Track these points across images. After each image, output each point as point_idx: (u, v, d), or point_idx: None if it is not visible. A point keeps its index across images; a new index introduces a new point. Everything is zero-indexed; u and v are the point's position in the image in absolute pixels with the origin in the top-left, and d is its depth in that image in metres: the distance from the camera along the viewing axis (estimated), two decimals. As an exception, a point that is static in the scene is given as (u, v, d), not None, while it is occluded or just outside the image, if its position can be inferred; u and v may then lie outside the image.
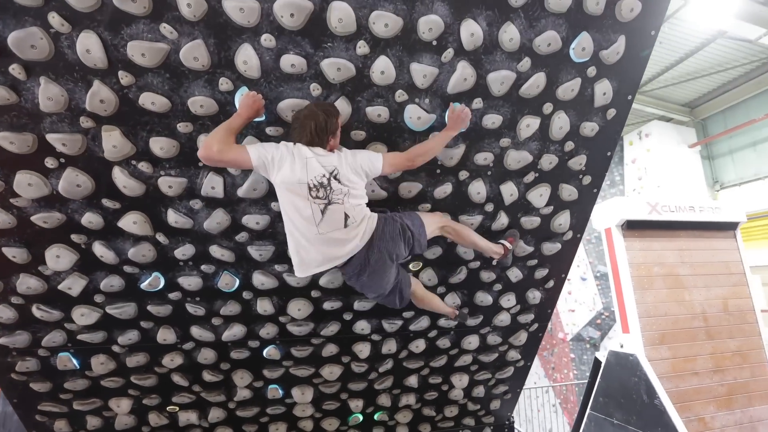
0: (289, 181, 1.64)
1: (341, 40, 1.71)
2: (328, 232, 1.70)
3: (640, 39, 1.96)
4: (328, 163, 1.68)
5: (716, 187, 12.07)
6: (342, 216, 1.70)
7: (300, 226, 1.70)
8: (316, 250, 1.73)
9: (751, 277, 4.60)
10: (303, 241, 1.72)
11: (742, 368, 4.20)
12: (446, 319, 2.54)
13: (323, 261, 1.75)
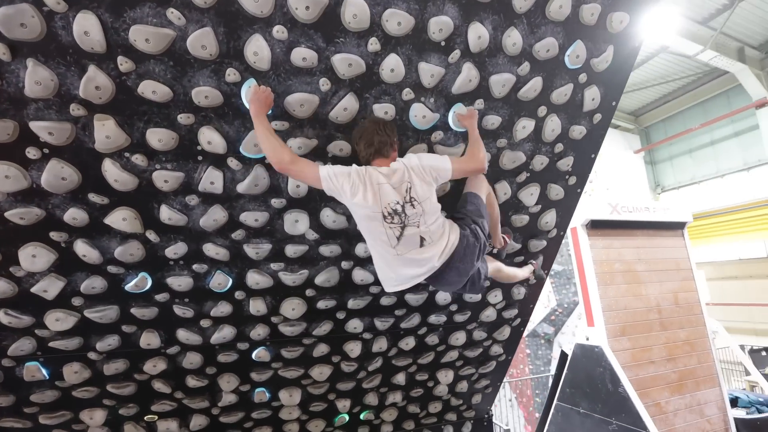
0: (363, 208, 1.70)
1: (353, 36, 1.72)
2: (405, 252, 1.76)
3: (626, 49, 2.14)
4: (399, 183, 1.72)
5: (658, 191, 13.27)
6: (418, 238, 1.76)
7: (377, 246, 1.79)
8: (393, 270, 1.81)
9: (697, 273, 5.11)
10: (381, 261, 1.83)
11: (691, 356, 4.65)
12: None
13: (401, 281, 1.84)
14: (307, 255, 2.21)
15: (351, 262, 2.31)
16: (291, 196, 1.99)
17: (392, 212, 1.72)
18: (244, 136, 1.79)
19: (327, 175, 1.68)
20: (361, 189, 1.69)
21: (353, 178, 1.69)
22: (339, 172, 1.69)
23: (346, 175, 1.70)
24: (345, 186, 1.68)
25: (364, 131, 1.80)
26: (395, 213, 1.73)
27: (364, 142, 1.79)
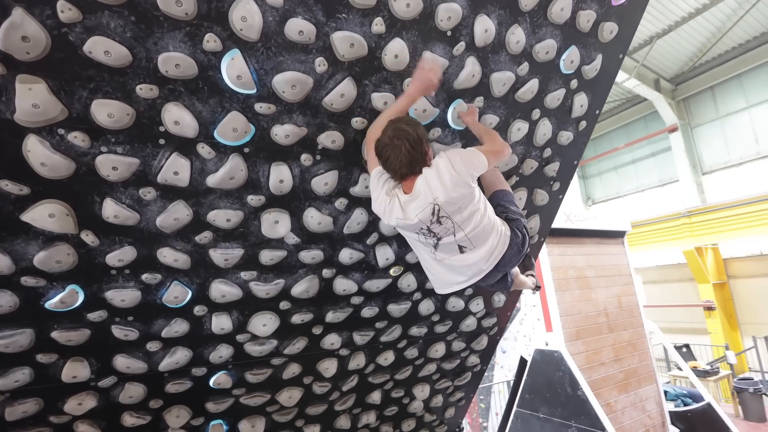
0: (397, 224, 1.67)
1: (358, 13, 1.54)
2: (445, 258, 1.74)
3: (612, 60, 2.21)
4: (422, 207, 1.60)
5: (588, 203, 14.63)
6: (456, 246, 1.70)
7: (417, 247, 1.79)
8: (435, 274, 1.83)
9: (635, 278, 5.58)
10: (423, 262, 1.84)
11: (633, 356, 5.04)
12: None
13: (444, 285, 1.85)
14: (284, 262, 1.95)
15: (333, 269, 2.09)
16: (272, 192, 1.74)
17: (424, 232, 1.67)
18: (221, 117, 1.51)
19: (375, 173, 1.65)
20: (384, 200, 1.63)
21: (382, 196, 1.64)
22: (379, 185, 1.65)
23: (382, 180, 1.65)
24: (375, 188, 1.65)
25: (393, 148, 1.55)
26: (426, 233, 1.67)
27: (393, 164, 1.58)
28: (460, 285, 1.81)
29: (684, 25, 10.22)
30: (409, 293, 2.42)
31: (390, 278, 2.29)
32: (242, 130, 1.55)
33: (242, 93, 1.50)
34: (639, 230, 10.23)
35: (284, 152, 1.69)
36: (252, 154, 1.64)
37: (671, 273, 11.14)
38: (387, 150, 1.56)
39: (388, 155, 1.56)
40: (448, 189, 1.58)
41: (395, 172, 1.61)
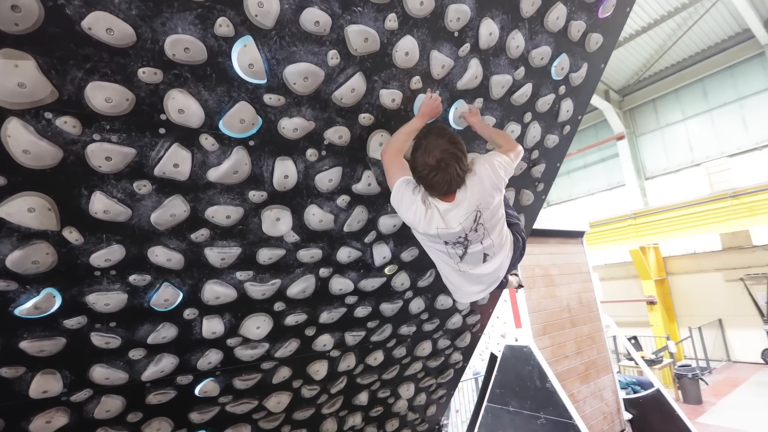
0: (423, 234, 1.65)
1: (372, 7, 1.53)
2: (468, 269, 1.76)
3: (595, 69, 2.36)
4: (466, 216, 1.59)
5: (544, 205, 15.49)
6: (482, 255, 1.73)
7: (438, 262, 1.80)
8: (456, 284, 1.87)
9: (593, 275, 5.97)
10: (443, 272, 1.86)
11: (592, 348, 5.39)
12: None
13: (464, 295, 1.92)
14: (282, 261, 1.88)
15: (330, 269, 2.06)
16: (275, 188, 1.67)
17: (454, 242, 1.65)
18: (227, 108, 1.44)
19: (402, 182, 1.59)
20: (421, 210, 1.58)
21: (417, 195, 1.59)
22: (411, 196, 1.59)
23: (411, 189, 1.59)
24: (409, 209, 1.59)
25: (441, 171, 1.50)
26: (458, 242, 1.66)
27: (439, 185, 1.54)
28: (480, 294, 1.88)
29: (631, 42, 11.11)
30: (401, 292, 2.43)
31: (385, 277, 2.29)
32: (249, 121, 1.49)
33: (252, 83, 1.44)
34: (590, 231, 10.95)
35: (290, 147, 1.64)
36: (257, 148, 1.57)
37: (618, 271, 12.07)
38: (435, 174, 1.51)
39: (436, 179, 1.52)
40: (488, 195, 1.61)
41: (438, 191, 1.57)
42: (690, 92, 11.59)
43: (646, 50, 11.53)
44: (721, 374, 8.99)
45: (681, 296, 10.79)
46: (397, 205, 1.64)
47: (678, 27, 10.51)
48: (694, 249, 10.95)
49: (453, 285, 1.90)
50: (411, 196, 1.60)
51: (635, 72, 12.41)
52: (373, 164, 1.89)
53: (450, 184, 1.54)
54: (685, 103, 11.75)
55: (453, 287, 1.91)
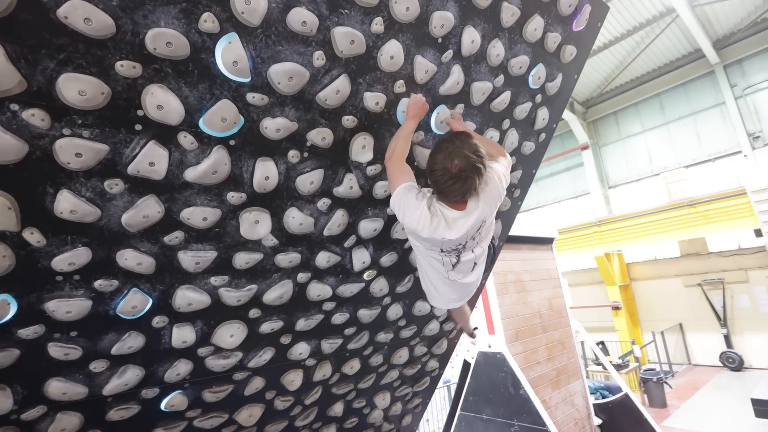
0: (421, 238, 1.66)
1: (359, 10, 1.57)
2: (457, 278, 1.81)
3: (569, 79, 2.52)
4: (474, 226, 1.65)
5: (513, 212, 16.10)
6: (472, 264, 1.80)
7: (428, 268, 1.83)
8: (440, 291, 1.89)
9: (563, 281, 6.25)
10: (428, 280, 1.89)
11: (563, 354, 5.62)
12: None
13: (445, 302, 1.98)
14: (259, 266, 1.87)
15: (308, 274, 2.06)
16: (254, 190, 1.67)
17: (451, 249, 1.70)
18: (209, 106, 1.43)
19: (405, 188, 1.61)
20: (426, 217, 1.59)
21: (422, 201, 1.61)
22: (411, 188, 1.61)
23: (414, 194, 1.61)
24: (414, 216, 1.59)
25: (462, 182, 1.52)
26: (454, 250, 1.71)
27: (454, 194, 1.57)
28: (459, 303, 1.98)
29: (594, 57, 11.84)
30: (380, 298, 2.46)
31: (363, 282, 2.31)
32: (231, 120, 1.48)
33: (235, 81, 1.44)
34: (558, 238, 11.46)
35: (272, 147, 1.64)
36: (238, 148, 1.56)
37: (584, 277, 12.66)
38: (454, 182, 1.52)
39: (453, 187, 1.53)
40: (493, 207, 1.70)
41: (450, 199, 1.60)
42: (648, 106, 12.46)
43: (607, 65, 12.32)
44: (683, 377, 9.62)
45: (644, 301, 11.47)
46: (399, 210, 1.64)
47: (636, 45, 11.32)
48: (655, 255, 11.70)
49: (437, 292, 1.94)
50: (415, 202, 1.61)
51: (598, 85, 13.21)
52: (355, 167, 1.92)
53: (464, 195, 1.59)
54: (644, 116, 12.61)
55: (437, 294, 1.95)
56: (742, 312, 10.01)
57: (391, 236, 2.28)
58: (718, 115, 10.73)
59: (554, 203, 14.65)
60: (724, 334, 9.95)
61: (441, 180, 1.56)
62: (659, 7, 9.78)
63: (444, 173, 1.53)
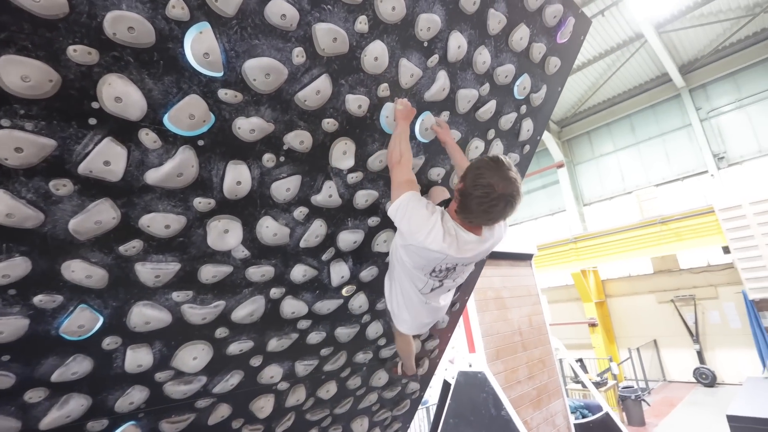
0: (418, 254, 1.59)
1: (343, 7, 1.51)
2: (432, 302, 1.78)
3: (553, 91, 2.53)
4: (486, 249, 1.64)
5: (491, 228, 16.30)
6: (447, 290, 1.80)
7: (408, 289, 1.74)
8: (413, 315, 1.82)
9: (542, 297, 6.27)
10: (402, 303, 1.81)
11: (543, 372, 5.59)
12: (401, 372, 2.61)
13: (416, 327, 1.90)
14: (227, 280, 1.73)
15: (282, 289, 1.93)
16: (225, 195, 1.55)
17: (443, 269, 1.64)
18: (175, 101, 1.31)
19: (413, 195, 1.55)
20: (439, 232, 1.51)
21: (434, 214, 1.54)
22: (420, 198, 1.56)
23: (424, 204, 1.54)
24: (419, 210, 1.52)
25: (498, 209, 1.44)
26: (446, 270, 1.65)
27: (481, 216, 1.49)
28: (425, 328, 1.97)
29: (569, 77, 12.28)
30: (359, 315, 2.34)
31: (342, 299, 2.19)
32: (200, 118, 1.37)
33: (206, 74, 1.33)
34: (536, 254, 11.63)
35: (245, 149, 1.53)
36: (207, 148, 1.45)
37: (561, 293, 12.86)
38: (496, 204, 1.42)
39: (494, 209, 1.44)
40: (497, 242, 1.68)
41: (474, 220, 1.53)
42: (620, 126, 13.01)
43: (581, 86, 12.84)
44: (659, 394, 9.78)
45: (619, 318, 11.71)
46: (404, 217, 1.54)
47: (608, 67, 11.86)
48: (629, 272, 12.02)
49: (408, 315, 1.85)
50: (425, 212, 1.53)
51: (572, 105, 13.71)
52: (335, 174, 1.83)
53: (494, 220, 1.52)
54: (616, 136, 13.14)
55: (407, 317, 1.86)
56: (714, 328, 10.35)
57: (372, 249, 2.19)
58: (685, 136, 11.30)
59: (531, 220, 14.94)
60: (697, 350, 10.23)
61: (481, 197, 1.43)
62: (629, 32, 10.32)
63: (489, 191, 1.41)
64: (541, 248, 11.72)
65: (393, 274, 1.81)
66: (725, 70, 10.51)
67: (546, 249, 11.62)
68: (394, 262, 1.79)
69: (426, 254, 1.56)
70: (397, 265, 1.75)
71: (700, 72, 10.92)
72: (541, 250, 11.67)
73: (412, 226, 1.52)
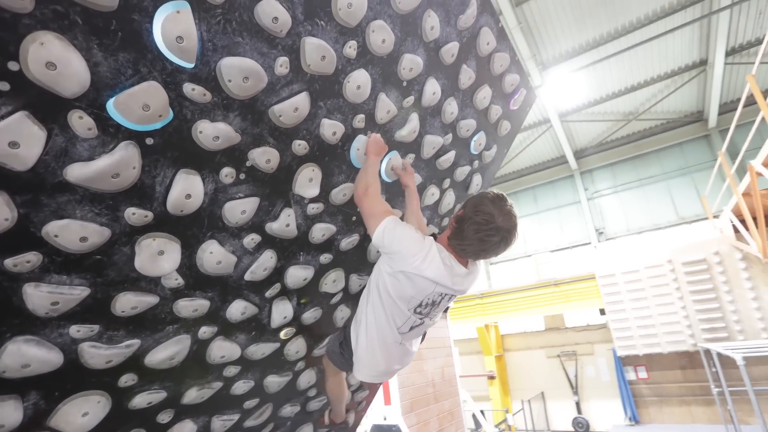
0: (408, 284, 1.44)
1: (336, 27, 1.40)
2: (406, 343, 1.63)
3: (501, 151, 2.65)
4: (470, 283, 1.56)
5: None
6: (423, 331, 1.68)
7: (384, 328, 1.55)
8: (384, 359, 1.63)
9: (454, 349, 6.33)
10: (375, 346, 1.59)
11: (452, 425, 5.50)
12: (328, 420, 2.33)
13: (384, 373, 1.69)
14: (149, 314, 1.37)
15: (214, 328, 1.59)
16: (166, 209, 1.25)
17: (429, 303, 1.51)
18: (128, 84, 1.04)
19: (396, 220, 1.43)
20: (436, 257, 1.41)
21: (432, 252, 1.42)
22: (413, 236, 1.42)
23: (421, 243, 1.42)
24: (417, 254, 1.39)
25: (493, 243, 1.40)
26: (431, 303, 1.52)
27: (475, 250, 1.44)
28: (390, 375, 1.79)
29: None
30: (294, 362, 2.04)
31: (279, 342, 1.89)
32: (156, 111, 1.10)
33: (174, 62, 1.09)
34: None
35: (203, 159, 1.27)
36: (156, 150, 1.17)
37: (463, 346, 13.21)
38: (493, 235, 1.38)
39: (491, 239, 1.38)
40: (475, 281, 1.63)
41: (468, 251, 1.46)
42: (525, 196, 14.47)
43: (495, 155, 14.17)
44: (543, 445, 10.25)
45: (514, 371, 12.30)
46: (395, 241, 1.41)
47: (519, 143, 13.34)
48: (525, 328, 12.87)
49: (381, 357, 1.63)
50: (418, 236, 1.45)
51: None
52: (295, 202, 1.62)
53: (485, 253, 1.44)
54: (521, 204, 14.55)
55: (378, 360, 1.64)
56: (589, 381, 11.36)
57: (318, 289, 1.96)
58: (575, 211, 12.91)
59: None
60: (576, 401, 11.07)
61: (480, 224, 1.38)
62: (539, 116, 11.81)
63: (489, 219, 1.37)
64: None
65: (366, 310, 1.60)
66: (606, 160, 12.45)
67: (456, 302, 12.01)
68: (371, 297, 1.59)
69: (419, 282, 1.43)
70: (377, 299, 1.55)
71: (589, 159, 12.78)
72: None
73: (406, 249, 1.40)
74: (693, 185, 11.10)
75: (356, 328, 1.70)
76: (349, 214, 1.88)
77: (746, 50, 9.08)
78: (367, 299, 1.62)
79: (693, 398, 8.23)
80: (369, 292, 1.62)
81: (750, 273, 7.17)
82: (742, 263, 7.22)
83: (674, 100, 10.66)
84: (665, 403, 8.59)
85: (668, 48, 9.26)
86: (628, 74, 10.07)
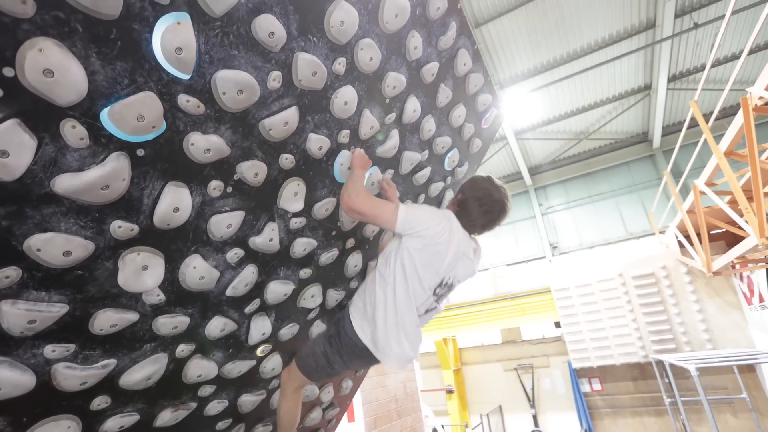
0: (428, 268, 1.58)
1: (326, 44, 1.48)
2: (421, 326, 1.68)
3: (473, 168, 2.82)
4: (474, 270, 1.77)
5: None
6: (430, 320, 1.75)
7: (402, 306, 1.58)
8: (408, 339, 1.61)
9: (415, 363, 6.43)
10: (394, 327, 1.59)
11: (416, 442, 5.54)
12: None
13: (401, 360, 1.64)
14: (128, 332, 1.34)
15: (192, 346, 1.57)
16: (153, 223, 1.24)
17: (446, 284, 1.67)
18: (123, 95, 1.05)
19: (408, 205, 1.61)
20: (443, 250, 1.59)
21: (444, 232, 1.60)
22: (431, 215, 1.63)
23: (438, 220, 1.61)
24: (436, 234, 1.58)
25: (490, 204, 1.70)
26: (448, 286, 1.67)
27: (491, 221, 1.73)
28: (408, 362, 1.70)
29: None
30: (268, 380, 2.03)
31: (255, 360, 1.89)
32: (150, 122, 1.12)
33: (171, 73, 1.11)
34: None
35: (192, 171, 1.29)
36: (147, 161, 1.17)
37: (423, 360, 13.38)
38: (493, 207, 1.69)
39: (493, 210, 1.69)
40: (478, 263, 1.85)
41: (475, 222, 1.71)
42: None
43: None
44: (502, 459, 10.53)
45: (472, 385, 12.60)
46: (422, 222, 1.59)
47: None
48: (482, 342, 13.27)
49: (404, 336, 1.61)
50: (438, 211, 1.67)
51: (446, 184, 15.50)
52: (279, 216, 1.66)
53: (492, 222, 1.71)
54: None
55: (402, 339, 1.61)
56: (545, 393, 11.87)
57: (296, 305, 1.98)
58: (530, 226, 13.63)
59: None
60: (533, 414, 11.52)
61: (482, 198, 1.69)
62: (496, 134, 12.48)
63: (487, 194, 1.69)
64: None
65: (386, 293, 1.60)
66: (559, 177, 13.32)
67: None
68: (390, 278, 1.60)
69: (449, 252, 1.60)
70: (400, 277, 1.58)
71: (543, 175, 13.59)
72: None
73: (435, 227, 1.58)
74: (640, 202, 12.09)
75: (367, 312, 1.66)
76: (329, 229, 1.93)
77: (686, 77, 10.16)
78: (384, 281, 1.61)
79: (644, 409, 8.78)
80: (386, 274, 1.61)
81: (695, 286, 7.79)
82: (687, 277, 7.83)
83: (621, 121, 11.66)
84: (619, 415, 9.11)
85: (616, 73, 10.17)
86: (580, 96, 10.91)
